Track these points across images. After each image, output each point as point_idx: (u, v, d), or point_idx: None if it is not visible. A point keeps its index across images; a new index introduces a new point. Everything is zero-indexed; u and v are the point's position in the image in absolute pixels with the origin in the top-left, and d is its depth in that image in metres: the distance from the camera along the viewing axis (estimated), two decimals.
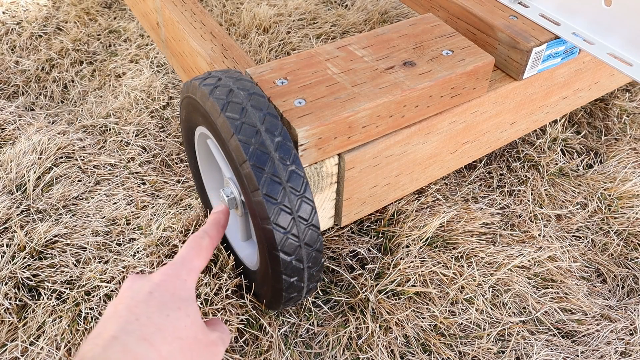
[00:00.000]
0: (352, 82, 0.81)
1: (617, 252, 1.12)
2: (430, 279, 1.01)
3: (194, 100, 0.81)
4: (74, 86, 1.50)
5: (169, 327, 0.45)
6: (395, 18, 1.76)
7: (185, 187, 1.19)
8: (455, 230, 1.10)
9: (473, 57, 0.87)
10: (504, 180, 1.26)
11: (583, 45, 0.89)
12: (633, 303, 1.04)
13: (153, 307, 0.46)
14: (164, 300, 0.47)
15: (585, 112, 1.44)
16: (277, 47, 1.60)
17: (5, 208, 1.09)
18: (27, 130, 1.31)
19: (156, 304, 0.47)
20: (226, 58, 1.00)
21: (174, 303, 0.47)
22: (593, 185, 1.24)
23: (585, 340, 0.97)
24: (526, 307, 1.00)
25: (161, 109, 1.39)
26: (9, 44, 1.64)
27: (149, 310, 0.46)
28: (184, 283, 0.50)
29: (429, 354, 0.94)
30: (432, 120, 0.89)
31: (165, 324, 0.45)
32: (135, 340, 0.43)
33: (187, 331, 0.46)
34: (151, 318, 0.45)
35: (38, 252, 1.02)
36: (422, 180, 1.00)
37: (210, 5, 1.79)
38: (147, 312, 0.46)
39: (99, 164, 1.24)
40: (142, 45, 1.63)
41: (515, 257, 1.07)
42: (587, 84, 1.15)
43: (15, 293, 0.96)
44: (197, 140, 0.94)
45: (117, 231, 1.08)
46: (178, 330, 0.46)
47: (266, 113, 0.72)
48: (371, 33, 0.92)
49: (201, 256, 0.55)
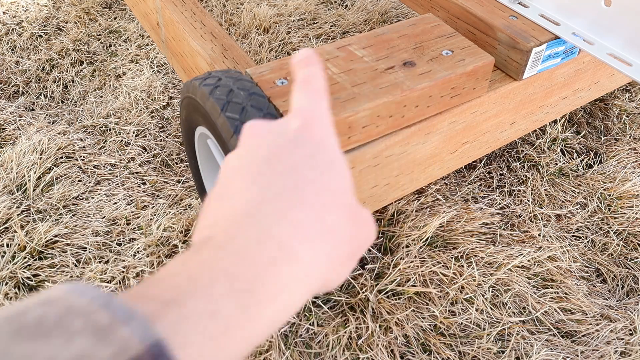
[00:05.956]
0: (352, 82, 0.82)
1: (616, 252, 1.12)
2: (430, 279, 1.01)
3: (194, 100, 0.81)
4: (74, 86, 1.50)
5: (327, 189, 0.31)
6: (395, 18, 1.76)
7: (185, 187, 1.20)
8: (455, 230, 1.10)
9: (473, 57, 0.87)
10: (504, 180, 1.26)
11: (583, 46, 0.90)
12: (633, 303, 1.04)
13: (301, 161, 0.32)
14: (312, 152, 0.32)
15: (585, 112, 1.44)
16: (277, 47, 1.60)
17: (6, 208, 1.09)
18: (28, 131, 1.31)
19: (304, 157, 0.32)
20: (226, 58, 1.00)
21: (324, 155, 0.32)
22: (593, 185, 1.24)
23: (585, 340, 0.97)
24: (526, 307, 1.01)
25: (161, 109, 1.39)
26: (10, 44, 1.64)
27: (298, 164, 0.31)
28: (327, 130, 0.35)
29: (429, 353, 0.94)
30: (432, 120, 0.89)
31: (322, 183, 0.31)
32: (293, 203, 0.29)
33: (345, 196, 0.32)
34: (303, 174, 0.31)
35: (38, 252, 1.02)
36: (422, 180, 1.00)
37: (211, 5, 1.79)
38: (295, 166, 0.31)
39: (99, 164, 1.24)
40: (143, 45, 1.63)
41: (515, 257, 1.07)
42: (587, 84, 1.15)
43: (15, 293, 0.96)
44: (197, 140, 0.94)
45: (117, 231, 1.08)
46: (337, 196, 0.31)
47: (266, 113, 0.72)
48: (371, 33, 0.92)
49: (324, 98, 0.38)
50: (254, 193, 0.29)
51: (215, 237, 0.28)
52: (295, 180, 0.30)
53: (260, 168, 0.31)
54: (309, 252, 0.28)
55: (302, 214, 0.29)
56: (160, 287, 0.24)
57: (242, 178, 0.31)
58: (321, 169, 0.32)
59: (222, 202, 0.30)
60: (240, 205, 0.29)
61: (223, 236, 0.27)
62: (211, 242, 0.27)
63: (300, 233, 0.28)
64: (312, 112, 0.35)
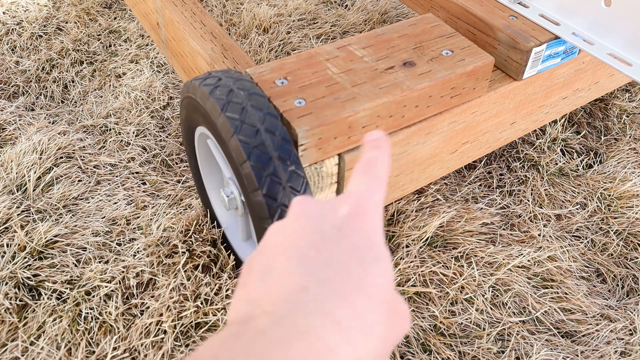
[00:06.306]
0: (352, 82, 0.82)
1: (616, 252, 1.12)
2: (430, 279, 1.01)
3: (194, 100, 0.81)
4: (74, 86, 1.50)
5: (369, 286, 0.31)
6: (395, 18, 1.76)
7: (185, 187, 1.20)
8: (455, 230, 1.10)
9: (473, 57, 0.87)
10: (503, 180, 1.26)
11: (583, 46, 0.90)
12: (633, 303, 1.04)
13: (347, 252, 0.31)
14: (358, 244, 0.32)
15: (585, 112, 1.44)
16: (277, 47, 1.60)
17: (6, 208, 1.09)
18: (28, 131, 1.31)
19: (350, 248, 0.32)
20: (226, 58, 1.00)
21: (370, 251, 0.32)
22: (593, 185, 1.24)
23: (585, 340, 0.97)
24: (526, 307, 1.01)
25: (161, 109, 1.39)
26: (10, 44, 1.64)
27: (343, 256, 0.31)
28: (376, 223, 0.34)
29: (429, 353, 0.94)
30: (432, 121, 0.89)
31: (365, 280, 0.31)
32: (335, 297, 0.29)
33: (386, 293, 0.32)
34: (348, 267, 0.31)
35: (38, 252, 1.02)
36: (422, 180, 1.00)
37: (210, 5, 1.79)
38: (340, 257, 0.31)
39: (99, 164, 1.24)
40: (143, 45, 1.63)
41: (515, 257, 1.07)
42: (587, 84, 1.15)
43: (15, 293, 0.96)
44: (197, 140, 0.94)
45: (117, 231, 1.08)
46: (379, 291, 0.31)
47: (266, 113, 0.72)
48: (371, 33, 0.92)
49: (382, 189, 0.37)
50: (299, 278, 0.29)
51: (256, 320, 0.28)
52: (339, 272, 0.30)
53: (307, 252, 0.31)
54: (347, 349, 0.28)
55: (343, 311, 0.29)
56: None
57: (288, 258, 0.31)
58: (366, 264, 0.32)
59: (265, 279, 0.30)
60: (285, 290, 0.29)
61: (265, 322, 0.27)
62: (253, 326, 0.27)
63: (340, 331, 0.28)
64: (365, 201, 0.35)
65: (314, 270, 0.30)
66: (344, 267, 0.31)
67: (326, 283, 0.29)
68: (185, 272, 0.98)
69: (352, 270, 0.31)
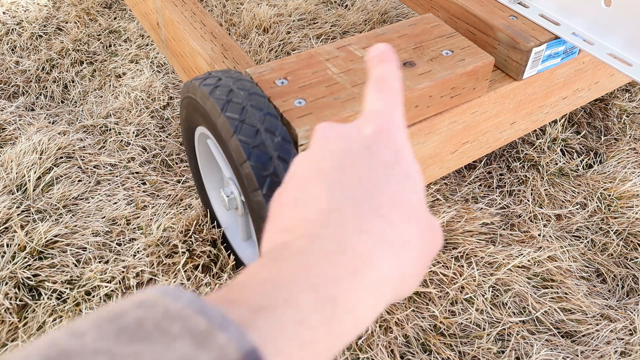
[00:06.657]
0: (352, 82, 0.82)
1: (616, 252, 1.12)
2: (430, 279, 1.01)
3: (194, 100, 0.81)
4: (74, 86, 1.50)
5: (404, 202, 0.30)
6: (395, 18, 1.76)
7: (185, 187, 1.20)
8: (455, 230, 1.10)
9: (473, 57, 0.87)
10: (503, 180, 1.26)
11: (583, 46, 0.90)
12: (633, 303, 1.04)
13: (378, 170, 0.31)
14: (388, 161, 0.31)
15: (585, 112, 1.44)
16: (277, 47, 1.60)
17: (6, 208, 1.09)
18: (28, 131, 1.31)
19: (380, 166, 0.31)
20: (226, 58, 1.00)
21: (401, 167, 0.31)
22: (593, 185, 1.24)
23: (585, 340, 0.97)
24: (526, 307, 1.01)
25: (161, 109, 1.39)
26: (10, 44, 1.64)
27: (375, 174, 0.30)
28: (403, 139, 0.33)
29: (429, 353, 0.94)
30: (432, 120, 0.89)
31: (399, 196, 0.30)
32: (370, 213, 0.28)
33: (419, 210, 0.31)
34: (380, 185, 0.30)
35: (38, 252, 1.02)
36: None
37: (210, 5, 1.79)
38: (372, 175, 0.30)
39: (99, 164, 1.24)
40: (142, 45, 1.63)
41: (515, 257, 1.07)
42: (587, 84, 1.15)
43: (15, 293, 0.96)
44: (197, 140, 0.94)
45: (117, 231, 1.08)
46: (413, 207, 0.30)
47: (266, 113, 0.72)
48: (371, 33, 0.92)
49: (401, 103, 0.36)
50: (331, 201, 0.29)
51: (293, 243, 0.27)
52: (371, 190, 0.29)
53: (335, 175, 0.30)
54: (386, 263, 0.28)
55: (379, 226, 0.28)
56: (246, 293, 0.24)
57: (317, 184, 0.30)
58: (396, 180, 0.31)
59: (296, 208, 0.30)
60: (318, 213, 0.28)
61: (303, 243, 0.27)
62: (291, 249, 0.27)
63: (378, 244, 0.28)
64: (387, 118, 0.33)
65: (347, 191, 0.29)
66: (377, 185, 0.30)
67: (360, 202, 0.29)
68: (185, 272, 0.98)
69: (385, 187, 0.30)
